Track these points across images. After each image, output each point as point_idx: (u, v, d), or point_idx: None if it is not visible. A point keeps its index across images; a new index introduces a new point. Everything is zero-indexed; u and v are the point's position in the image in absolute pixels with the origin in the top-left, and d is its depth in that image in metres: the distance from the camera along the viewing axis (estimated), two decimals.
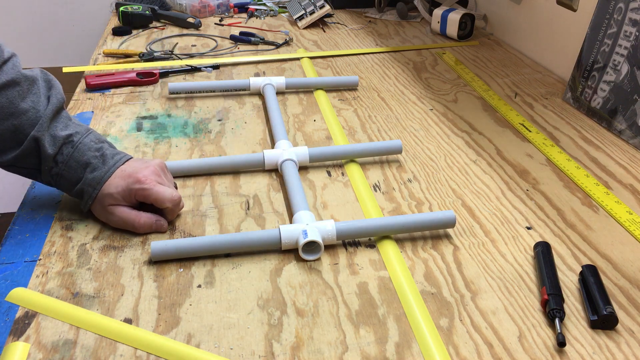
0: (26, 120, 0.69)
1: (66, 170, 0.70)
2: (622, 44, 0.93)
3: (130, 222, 0.69)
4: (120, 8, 1.45)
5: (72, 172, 0.70)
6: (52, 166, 0.70)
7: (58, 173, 0.70)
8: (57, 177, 0.70)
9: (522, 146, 0.91)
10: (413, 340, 0.56)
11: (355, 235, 0.68)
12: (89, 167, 0.70)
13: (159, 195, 0.69)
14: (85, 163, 0.70)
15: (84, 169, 0.70)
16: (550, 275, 0.61)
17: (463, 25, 1.37)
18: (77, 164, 0.70)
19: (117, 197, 0.69)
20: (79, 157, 0.70)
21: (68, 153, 0.69)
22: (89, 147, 0.70)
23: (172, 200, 0.69)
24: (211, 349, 0.55)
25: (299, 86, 1.10)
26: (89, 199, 0.70)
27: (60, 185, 0.71)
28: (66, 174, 0.70)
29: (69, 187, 0.71)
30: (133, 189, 0.69)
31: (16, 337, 0.55)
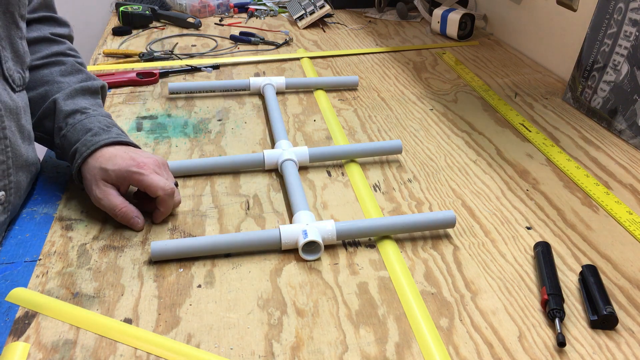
0: (56, 89, 0.75)
1: (71, 131, 0.72)
2: (622, 44, 0.93)
3: (112, 206, 0.69)
4: (120, 8, 1.45)
5: (75, 134, 0.72)
6: (62, 126, 0.72)
7: (64, 134, 0.72)
8: (62, 139, 0.72)
9: (522, 146, 0.91)
10: (413, 340, 0.56)
11: (355, 235, 0.68)
12: (90, 131, 0.71)
13: (152, 182, 0.68)
14: (89, 129, 0.72)
15: (86, 132, 0.71)
16: (550, 275, 0.61)
17: (463, 25, 1.37)
18: (82, 127, 0.72)
19: (111, 175, 0.69)
20: (87, 124, 0.72)
21: (79, 119, 0.72)
22: (100, 120, 0.73)
23: (164, 189, 0.68)
24: (211, 349, 0.55)
25: (299, 86, 1.10)
26: (80, 158, 0.70)
27: (64, 148, 0.73)
28: (70, 135, 0.72)
29: (66, 148, 0.72)
30: (130, 172, 0.68)
31: (16, 337, 0.55)
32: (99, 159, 0.69)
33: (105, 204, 0.69)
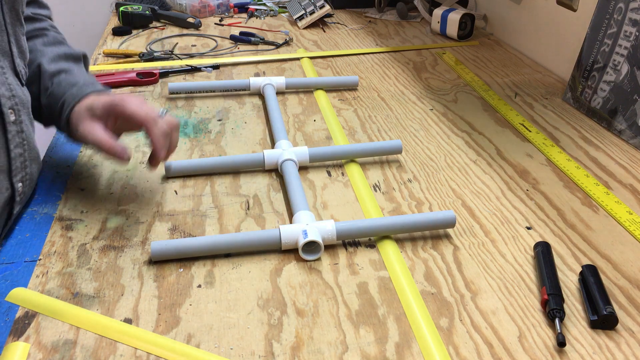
0: (40, 56, 0.77)
1: (57, 88, 0.74)
2: (622, 44, 0.93)
3: (97, 140, 0.69)
4: (120, 8, 1.45)
5: (60, 89, 0.74)
6: (48, 86, 0.74)
7: (51, 92, 0.74)
8: (49, 97, 0.74)
9: (522, 146, 0.91)
10: (413, 340, 0.56)
11: (355, 235, 0.68)
12: (76, 85, 0.74)
13: (134, 109, 0.68)
14: (74, 82, 0.74)
15: (72, 86, 0.74)
16: (550, 275, 0.61)
17: (463, 25, 1.37)
18: (67, 83, 0.74)
19: (96, 112, 0.70)
20: (72, 79, 0.75)
21: (64, 77, 0.75)
22: (85, 77, 0.76)
23: (147, 114, 0.68)
24: (211, 349, 0.55)
25: (299, 86, 1.10)
26: (68, 107, 0.72)
27: (51, 106, 0.74)
28: (56, 91, 0.74)
29: (54, 104, 0.74)
30: (113, 103, 0.69)
31: (16, 337, 0.55)
32: (86, 102, 0.71)
33: (90, 139, 0.69)
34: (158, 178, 0.81)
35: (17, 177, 0.69)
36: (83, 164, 0.84)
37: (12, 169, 0.68)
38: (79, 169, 0.83)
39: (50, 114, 0.75)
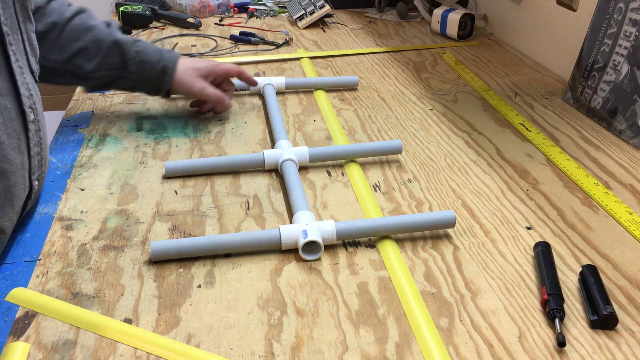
0: (99, 31, 0.89)
1: (146, 55, 0.90)
2: (622, 44, 0.93)
3: (213, 92, 0.93)
4: (120, 8, 1.45)
5: (150, 56, 0.90)
6: (133, 55, 0.89)
7: (141, 60, 0.90)
8: (140, 64, 0.90)
9: (522, 146, 0.91)
10: (413, 340, 0.56)
11: (355, 235, 0.68)
12: (161, 51, 0.91)
13: (228, 66, 0.96)
14: (157, 49, 0.91)
15: (159, 52, 0.91)
16: (550, 275, 0.61)
17: (463, 25, 1.37)
18: (152, 49, 0.91)
19: (202, 71, 0.93)
20: (151, 46, 0.91)
21: (142, 44, 0.90)
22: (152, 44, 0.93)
23: (237, 68, 0.98)
24: (211, 349, 0.55)
25: (299, 86, 1.10)
26: (172, 70, 0.91)
27: (143, 71, 0.90)
28: (147, 58, 0.90)
29: (151, 70, 0.90)
30: (213, 64, 0.94)
31: (16, 337, 0.55)
32: (185, 64, 0.92)
33: (209, 91, 0.93)
34: (158, 178, 0.81)
35: (34, 175, 0.70)
36: (83, 164, 0.84)
37: (31, 167, 0.69)
38: (79, 169, 0.83)
39: (141, 79, 0.91)
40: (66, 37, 0.87)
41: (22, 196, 0.67)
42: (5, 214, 0.64)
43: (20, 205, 0.67)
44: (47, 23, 0.86)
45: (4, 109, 0.64)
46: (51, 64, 0.87)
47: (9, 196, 0.64)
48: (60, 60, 0.88)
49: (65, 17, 0.88)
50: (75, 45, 0.88)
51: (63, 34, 0.87)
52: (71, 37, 0.88)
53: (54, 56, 0.87)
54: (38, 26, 0.84)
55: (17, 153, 0.65)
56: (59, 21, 0.87)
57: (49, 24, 0.86)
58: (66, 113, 1.00)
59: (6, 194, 0.63)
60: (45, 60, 0.86)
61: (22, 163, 0.66)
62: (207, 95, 0.93)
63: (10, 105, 0.65)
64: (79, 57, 0.88)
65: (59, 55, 0.87)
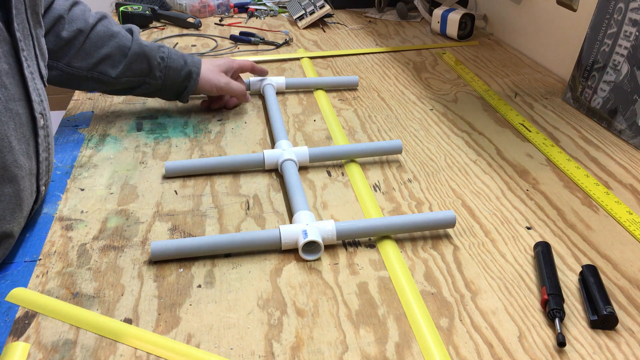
0: (123, 37, 0.91)
1: (171, 61, 0.93)
2: (622, 44, 0.93)
3: (237, 86, 0.97)
4: (120, 8, 1.45)
5: (175, 62, 0.93)
6: (159, 61, 0.92)
7: (167, 65, 0.92)
8: (166, 70, 0.92)
9: (522, 146, 0.91)
10: (413, 340, 0.56)
11: (355, 235, 0.68)
12: (184, 56, 0.94)
13: (242, 62, 1.00)
14: (181, 55, 0.94)
15: (182, 58, 0.94)
16: (550, 275, 0.61)
17: (463, 25, 1.37)
18: (176, 55, 0.93)
19: (223, 68, 0.97)
20: (175, 51, 0.94)
21: (166, 50, 0.93)
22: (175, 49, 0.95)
23: (251, 63, 1.02)
24: (211, 349, 0.55)
25: (299, 86, 1.10)
26: (197, 75, 0.94)
27: (168, 76, 0.93)
28: (172, 64, 0.93)
29: (176, 75, 0.93)
30: (230, 61, 0.99)
31: (16, 337, 0.55)
32: (206, 64, 0.96)
33: (235, 87, 0.97)
34: (158, 178, 0.81)
35: (42, 180, 0.70)
36: (83, 164, 0.84)
37: (39, 173, 0.69)
38: (79, 169, 0.83)
39: (165, 84, 0.94)
40: (91, 43, 0.88)
41: (29, 201, 0.67)
42: (15, 219, 0.64)
43: (28, 210, 0.67)
44: (73, 30, 0.87)
45: (16, 115, 0.64)
46: (76, 71, 0.89)
47: (19, 201, 0.64)
48: (85, 67, 0.89)
49: (89, 24, 0.89)
50: (101, 52, 0.89)
51: (88, 41, 0.88)
52: (97, 43, 0.89)
53: (79, 63, 0.88)
54: (63, 33, 0.86)
55: (27, 158, 0.65)
56: (84, 28, 0.88)
57: (74, 31, 0.87)
58: (66, 113, 1.00)
59: (16, 199, 0.63)
60: (70, 68, 0.88)
61: (31, 168, 0.66)
62: (232, 89, 0.96)
63: (22, 111, 0.65)
64: (104, 64, 0.89)
65: (85, 62, 0.88)
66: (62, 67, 0.88)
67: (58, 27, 0.86)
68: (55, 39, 0.86)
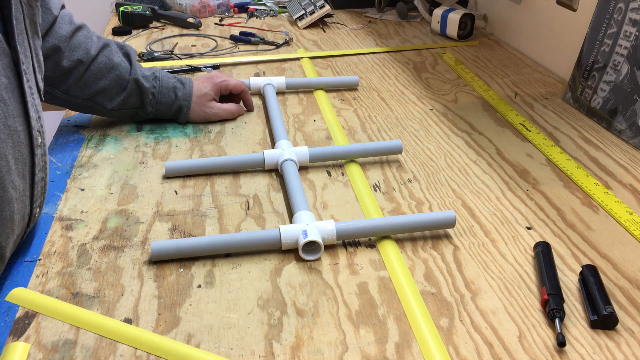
0: (122, 70, 0.90)
1: (161, 97, 0.93)
2: (622, 44, 0.93)
3: (228, 110, 0.97)
4: (120, 8, 1.45)
5: (166, 97, 0.93)
6: (151, 98, 0.92)
7: (158, 102, 0.93)
8: (157, 105, 0.93)
9: (522, 146, 0.91)
10: (413, 340, 0.56)
11: (355, 235, 0.68)
12: (175, 89, 0.94)
13: (236, 82, 0.99)
14: (172, 87, 0.94)
15: (173, 91, 0.93)
16: (550, 275, 0.61)
17: (463, 25, 1.37)
18: (167, 90, 0.93)
19: (210, 93, 0.96)
20: (166, 84, 0.93)
21: (157, 85, 0.92)
22: (167, 76, 0.94)
23: (242, 84, 1.00)
24: (211, 349, 0.55)
25: (299, 86, 1.10)
26: (187, 109, 0.94)
27: (159, 111, 0.94)
28: (163, 100, 0.93)
29: (167, 109, 0.94)
30: (217, 83, 0.97)
31: (16, 337, 0.55)
32: (195, 94, 0.95)
33: (223, 113, 0.97)
34: (158, 178, 0.81)
35: (36, 202, 0.66)
36: (83, 164, 0.84)
37: (34, 194, 0.65)
38: (79, 169, 0.83)
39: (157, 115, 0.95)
40: (91, 75, 0.88)
41: (22, 224, 0.63)
42: (8, 243, 0.60)
43: (20, 233, 0.63)
44: (73, 60, 0.86)
45: (14, 132, 0.60)
46: (72, 100, 0.88)
47: (11, 224, 0.60)
48: (82, 97, 0.88)
49: (91, 56, 0.87)
50: (100, 84, 0.88)
51: (88, 72, 0.87)
52: (97, 75, 0.88)
53: (76, 92, 0.88)
54: (64, 62, 0.85)
55: (21, 179, 0.62)
56: (85, 59, 0.87)
57: (74, 62, 0.86)
58: (66, 113, 1.00)
59: (10, 222, 0.59)
60: (67, 96, 0.88)
61: (24, 189, 0.62)
62: (221, 116, 0.97)
63: (20, 128, 0.62)
64: (101, 96, 0.89)
65: (82, 92, 0.88)
66: (59, 94, 0.87)
67: (58, 56, 0.84)
68: (55, 66, 0.84)
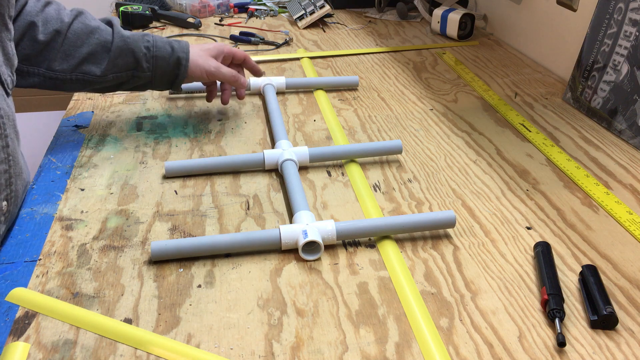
0: (103, 32, 0.85)
1: (157, 50, 0.87)
2: (622, 44, 0.93)
3: (228, 71, 0.91)
4: (120, 8, 1.45)
5: (162, 51, 0.87)
6: (145, 52, 0.86)
7: (153, 55, 0.87)
8: (153, 60, 0.87)
9: (522, 146, 0.91)
10: (413, 340, 0.56)
11: (355, 235, 0.68)
12: (171, 42, 0.88)
13: (235, 49, 0.95)
14: (167, 41, 0.88)
15: (169, 45, 0.88)
16: (550, 275, 0.61)
17: (463, 25, 1.37)
18: (162, 43, 0.88)
19: (213, 52, 0.92)
20: (160, 39, 0.88)
21: (151, 39, 0.87)
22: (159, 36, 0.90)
23: (246, 55, 0.96)
24: (211, 349, 0.55)
25: (299, 86, 1.10)
26: (186, 61, 0.88)
27: (157, 66, 0.87)
28: (159, 53, 0.87)
29: (165, 64, 0.88)
30: (221, 47, 0.93)
31: (16, 337, 0.55)
32: (194, 49, 0.90)
33: (225, 71, 0.91)
34: (158, 178, 0.81)
35: (1, 195, 0.65)
36: (83, 164, 0.84)
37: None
38: (79, 169, 0.83)
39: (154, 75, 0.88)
40: (70, 43, 0.83)
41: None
42: None
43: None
44: (49, 32, 0.81)
45: None
46: (58, 75, 0.83)
47: None
48: (68, 69, 0.83)
49: (65, 23, 0.83)
50: (82, 51, 0.83)
51: (66, 41, 0.83)
52: (76, 42, 0.83)
53: (61, 66, 0.83)
54: (40, 37, 0.80)
55: None
56: (61, 28, 0.82)
57: (51, 33, 0.81)
58: (66, 113, 1.00)
59: None
60: (51, 72, 0.83)
61: None
62: (222, 73, 0.90)
63: None
64: (87, 63, 0.84)
65: (66, 63, 0.83)
66: (43, 72, 0.82)
67: (33, 31, 0.80)
68: (32, 43, 0.80)
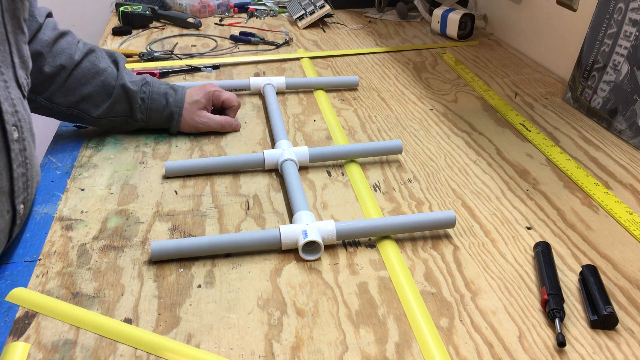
0: (108, 76, 0.87)
1: (152, 103, 0.89)
2: (622, 44, 0.93)
3: (217, 121, 0.92)
4: (120, 8, 1.45)
5: (157, 103, 0.89)
6: (140, 104, 0.88)
7: (148, 107, 0.89)
8: (147, 112, 0.89)
9: (522, 146, 0.91)
10: (413, 340, 0.56)
11: (355, 235, 0.68)
12: (167, 94, 0.90)
13: (228, 96, 0.95)
14: (163, 93, 0.90)
15: (164, 97, 0.90)
16: (550, 275, 0.61)
17: (463, 25, 1.37)
18: (158, 95, 0.89)
19: (202, 101, 0.92)
20: (157, 90, 0.90)
21: (148, 90, 0.89)
22: (158, 82, 0.91)
23: (235, 101, 0.95)
24: (211, 349, 0.55)
25: (299, 86, 1.10)
26: (179, 115, 0.90)
27: (150, 118, 0.90)
28: (154, 106, 0.89)
29: (158, 116, 0.90)
30: (209, 92, 0.93)
31: (16, 337, 0.55)
32: (189, 100, 0.91)
33: (212, 124, 0.92)
34: (158, 178, 0.81)
35: (19, 198, 0.65)
36: (83, 164, 0.84)
37: (14, 190, 0.64)
38: (79, 169, 0.83)
39: (147, 124, 0.91)
40: (74, 81, 0.85)
41: (2, 221, 0.62)
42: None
43: (4, 230, 0.62)
44: (56, 65, 0.83)
45: None
46: (55, 107, 0.85)
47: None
48: (66, 105, 0.85)
49: (74, 61, 0.85)
50: (84, 90, 0.85)
51: (71, 78, 0.85)
52: (80, 81, 0.85)
53: (60, 99, 0.85)
54: (45, 68, 0.82)
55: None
56: (68, 64, 0.84)
57: (57, 67, 0.83)
58: None
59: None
60: (49, 103, 0.84)
61: (1, 186, 0.61)
62: (211, 126, 0.92)
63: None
64: (86, 103, 0.86)
65: (65, 99, 0.85)
66: (41, 101, 0.84)
67: (40, 62, 0.82)
68: (37, 72, 0.81)
